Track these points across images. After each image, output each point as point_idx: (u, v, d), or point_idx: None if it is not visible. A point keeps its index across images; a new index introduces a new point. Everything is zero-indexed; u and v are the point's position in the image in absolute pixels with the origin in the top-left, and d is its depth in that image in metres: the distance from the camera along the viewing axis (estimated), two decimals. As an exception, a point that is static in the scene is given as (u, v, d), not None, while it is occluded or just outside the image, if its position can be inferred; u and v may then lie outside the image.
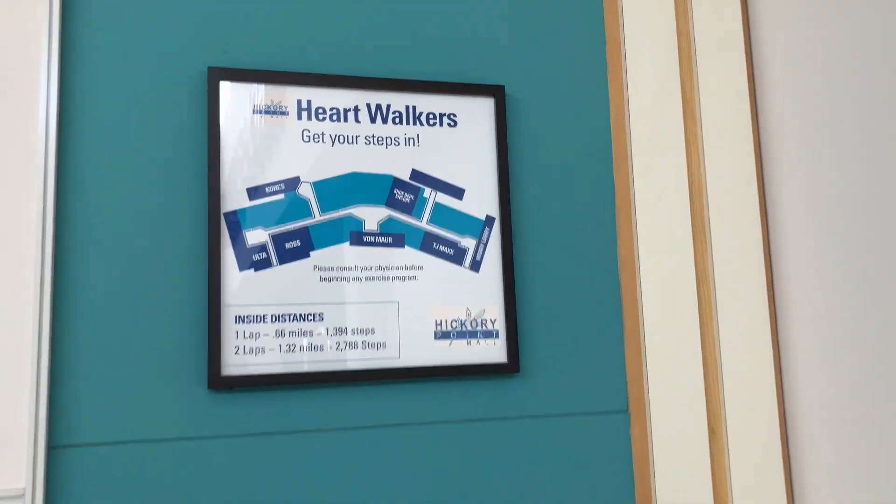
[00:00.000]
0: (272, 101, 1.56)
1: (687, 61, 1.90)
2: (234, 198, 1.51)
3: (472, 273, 1.64)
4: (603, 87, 1.80)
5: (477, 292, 1.63)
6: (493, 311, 1.63)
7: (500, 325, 1.63)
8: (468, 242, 1.64)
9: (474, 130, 1.68)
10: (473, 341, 1.61)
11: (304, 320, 1.51)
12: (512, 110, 1.72)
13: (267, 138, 1.55)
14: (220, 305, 1.46)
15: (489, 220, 1.66)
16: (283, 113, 1.56)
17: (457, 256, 1.63)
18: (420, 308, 1.59)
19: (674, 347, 1.74)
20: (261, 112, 1.55)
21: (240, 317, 1.48)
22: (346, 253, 1.56)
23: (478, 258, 1.64)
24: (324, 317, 1.53)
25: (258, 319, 1.49)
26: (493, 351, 1.62)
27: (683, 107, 1.88)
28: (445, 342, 1.59)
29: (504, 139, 1.68)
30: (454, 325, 1.60)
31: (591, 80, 1.80)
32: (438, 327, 1.59)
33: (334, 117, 1.60)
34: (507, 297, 1.63)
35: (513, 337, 1.62)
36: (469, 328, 1.61)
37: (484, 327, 1.62)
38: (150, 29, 1.52)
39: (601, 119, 1.79)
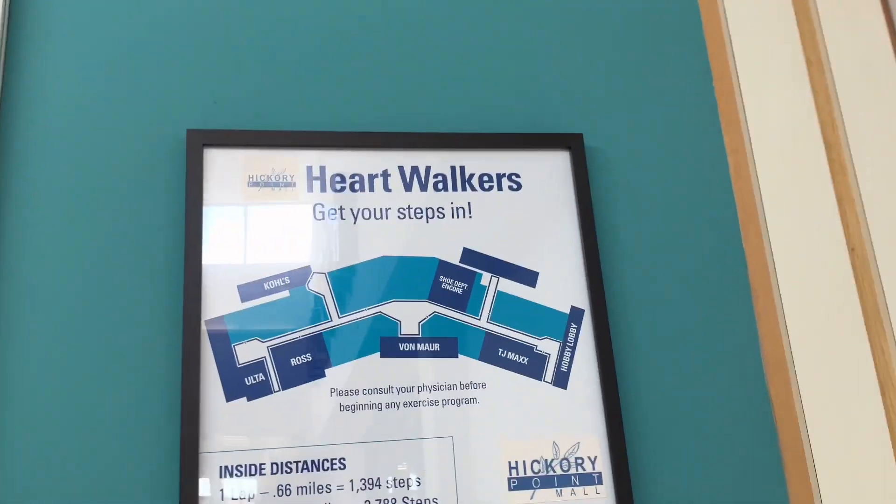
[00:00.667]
0: (273, 170, 1.18)
1: (823, 95, 1.45)
2: (219, 300, 1.11)
3: (558, 390, 1.16)
4: (715, 131, 1.37)
5: (566, 418, 1.15)
6: (592, 445, 1.14)
7: (604, 465, 1.13)
8: (548, 346, 1.18)
9: (546, 193, 1.26)
10: (566, 491, 1.11)
11: (318, 469, 1.06)
12: (595, 165, 1.30)
13: (266, 218, 1.16)
14: (198, 452, 1.03)
15: (576, 314, 1.20)
16: (288, 184, 1.18)
17: (534, 367, 1.17)
18: (484, 444, 1.11)
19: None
20: (258, 184, 1.17)
21: (226, 468, 1.04)
22: (376, 369, 1.13)
23: (563, 368, 1.17)
24: (346, 463, 1.07)
25: (253, 471, 1.04)
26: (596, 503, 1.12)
27: (827, 153, 1.41)
28: (524, 494, 1.10)
29: (587, 203, 1.25)
30: (536, 467, 1.12)
31: (698, 123, 1.37)
32: (513, 472, 1.11)
33: (356, 186, 1.20)
34: (612, 424, 1.14)
35: (624, 482, 1.12)
36: (558, 471, 1.12)
37: (580, 469, 1.13)
38: (112, 86, 1.19)
39: (717, 172, 1.35)
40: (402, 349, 1.14)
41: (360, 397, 1.11)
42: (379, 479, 1.07)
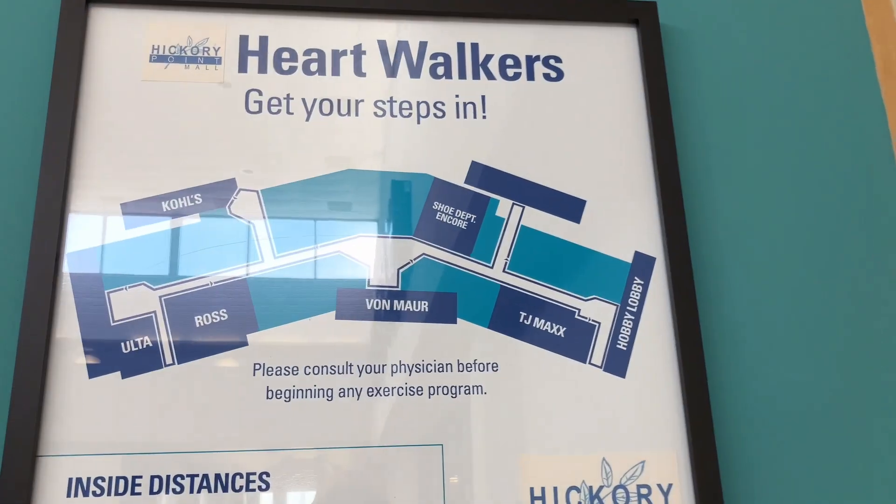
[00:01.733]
0: (189, 40, 0.81)
1: None
2: (91, 224, 0.74)
3: (612, 378, 0.76)
4: (850, 5, 0.95)
5: (624, 422, 0.75)
6: (665, 467, 0.74)
7: (684, 498, 0.73)
8: (598, 311, 0.78)
9: (598, 86, 0.86)
10: (621, 539, 0.71)
11: (226, 489, 0.68)
12: (673, 48, 0.89)
13: (173, 107, 0.79)
14: (34, 455, 0.66)
15: (642, 264, 0.80)
16: (209, 60, 0.81)
17: (574, 342, 0.77)
18: (493, 459, 0.72)
19: None
20: (164, 58, 0.80)
21: (80, 482, 0.67)
22: (328, 336, 0.74)
23: (621, 345, 0.77)
24: (271, 482, 0.69)
25: (122, 488, 0.68)
26: (671, 563, 0.71)
27: None
28: (554, 542, 0.70)
29: (663, 100, 0.84)
30: (575, 499, 0.72)
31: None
32: (536, 503, 0.71)
33: (313, 67, 0.82)
34: (696, 434, 0.74)
35: (716, 529, 0.71)
36: (610, 502, 0.72)
37: (645, 501, 0.73)
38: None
39: (855, 61, 0.93)
40: (369, 308, 0.76)
41: (301, 378, 0.73)
42: (322, 508, 0.69)
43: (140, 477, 0.68)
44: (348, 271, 0.77)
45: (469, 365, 0.75)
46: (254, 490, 0.69)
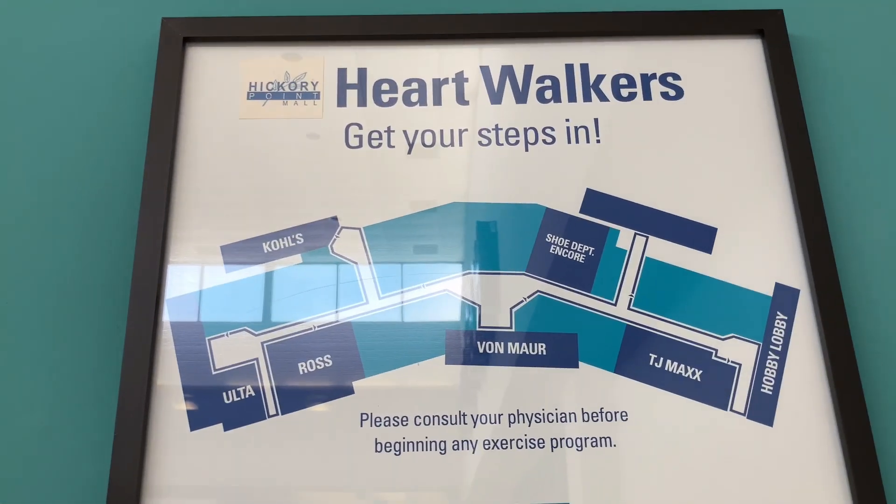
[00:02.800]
0: (286, 75, 0.80)
1: None
2: (191, 268, 0.73)
3: (757, 426, 0.69)
4: None
5: (776, 475, 0.67)
6: (828, 530, 0.65)
7: (853, 570, 0.64)
8: (738, 351, 0.71)
9: (723, 103, 0.80)
10: None
11: None
12: (804, 60, 0.83)
13: (272, 145, 0.77)
14: (138, 503, 0.64)
15: (785, 297, 0.73)
16: (308, 95, 0.79)
17: (712, 386, 0.70)
18: (627, 520, 0.65)
19: None
20: (262, 96, 0.79)
21: (183, 541, 0.64)
22: (438, 382, 0.70)
23: (766, 388, 0.70)
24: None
25: (227, 549, 0.64)
26: None
27: None
28: None
29: (797, 115, 0.78)
30: (722, 566, 0.64)
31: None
32: (680, 573, 0.64)
33: (413, 98, 0.80)
34: (862, 490, 0.65)
35: None
36: (765, 576, 0.64)
37: (806, 574, 0.64)
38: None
39: None
40: (482, 351, 0.71)
41: (412, 430, 0.68)
42: (438, 573, 0.64)
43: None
44: (457, 312, 0.72)
45: (595, 414, 0.69)
46: (363, 547, 0.64)
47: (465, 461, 0.67)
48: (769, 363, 0.71)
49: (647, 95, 0.80)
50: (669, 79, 0.81)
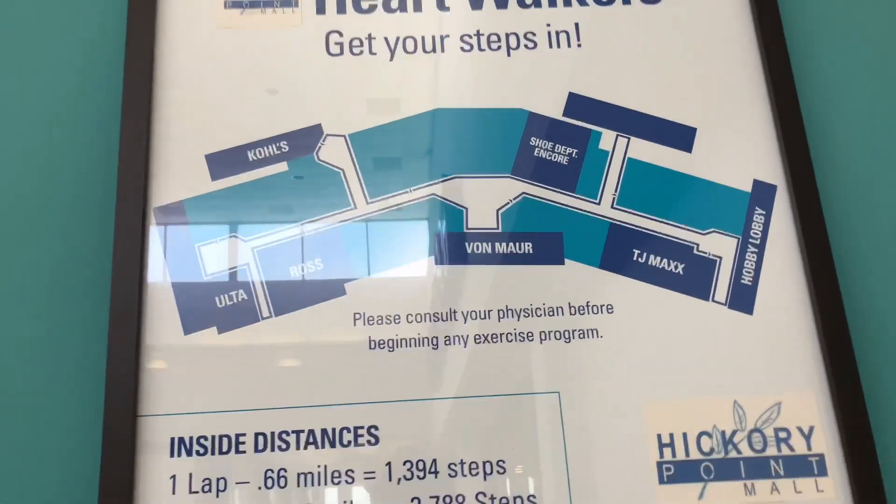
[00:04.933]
0: (264, -17, 0.81)
1: None
2: (178, 176, 0.75)
3: (738, 315, 0.74)
4: None
5: (755, 362, 0.72)
6: (804, 409, 0.71)
7: (828, 443, 0.70)
8: (719, 245, 0.76)
9: (701, 5, 0.83)
10: (762, 486, 0.69)
11: (333, 444, 0.68)
12: (781, -38, 0.87)
13: (253, 55, 0.79)
14: (135, 415, 0.67)
15: (762, 193, 0.77)
16: (286, 3, 0.81)
17: (694, 278, 0.75)
18: (615, 406, 0.70)
19: None
20: (240, 4, 0.80)
21: (182, 442, 0.67)
22: (428, 283, 0.73)
23: (746, 279, 0.75)
24: (380, 435, 0.68)
25: (226, 446, 0.68)
26: (819, 510, 0.69)
27: None
28: (688, 490, 0.68)
29: (773, 13, 0.82)
30: (706, 446, 0.70)
31: None
32: (665, 453, 0.69)
33: (393, 4, 0.82)
34: (839, 372, 0.71)
35: (867, 471, 0.68)
36: (746, 452, 0.69)
37: (784, 449, 0.70)
38: None
39: None
40: (470, 252, 0.74)
41: (403, 327, 0.72)
42: (435, 461, 0.68)
43: (244, 434, 0.68)
44: (445, 215, 0.76)
45: (581, 307, 0.73)
46: (363, 444, 0.68)
47: (457, 355, 0.71)
48: (748, 256, 0.75)
49: (626, 0, 0.83)
50: (648, -18, 0.84)
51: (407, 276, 0.74)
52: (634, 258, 0.75)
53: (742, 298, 0.74)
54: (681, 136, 0.79)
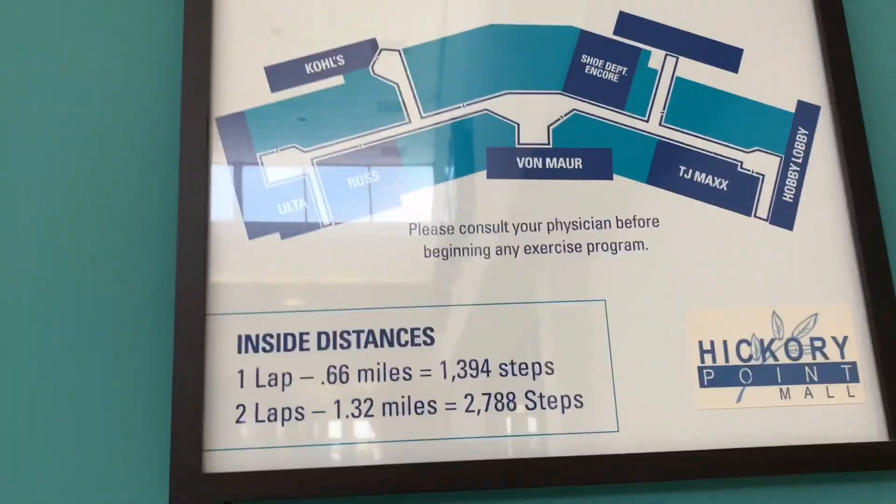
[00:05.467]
0: None
1: None
2: (238, 88, 0.78)
3: (778, 231, 0.77)
4: None
5: (794, 275, 0.76)
6: (839, 320, 0.75)
7: (861, 352, 0.74)
8: (762, 163, 0.79)
9: (753, -75, 0.84)
10: (797, 391, 0.73)
11: (391, 344, 0.72)
12: None
13: (309, -31, 0.81)
14: (204, 314, 0.71)
15: (806, 113, 0.80)
16: (341, -81, 0.82)
17: (738, 195, 0.78)
18: (659, 314, 0.74)
19: None
20: (296, -81, 0.82)
21: (249, 339, 0.72)
22: (481, 195, 0.77)
23: (787, 196, 0.78)
24: (436, 337, 0.73)
25: (291, 344, 0.72)
26: (850, 414, 0.73)
27: None
28: (726, 394, 0.73)
29: (824, -63, 0.83)
30: (745, 352, 0.74)
31: None
32: (706, 358, 0.73)
33: (447, -79, 0.83)
34: (873, 284, 0.75)
35: (898, 378, 0.72)
36: (782, 359, 0.74)
37: (819, 357, 0.74)
38: None
39: None
40: (521, 166, 0.78)
41: (457, 237, 0.76)
42: (487, 362, 0.72)
43: (307, 333, 0.73)
44: (497, 130, 0.79)
45: (628, 221, 0.77)
46: (419, 344, 0.73)
47: (508, 264, 0.75)
48: (790, 174, 0.78)
49: (679, -82, 0.84)
50: None
51: (460, 188, 0.77)
52: (680, 174, 0.78)
53: (783, 215, 0.77)
54: (728, 57, 0.81)
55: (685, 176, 0.78)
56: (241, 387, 0.71)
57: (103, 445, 0.71)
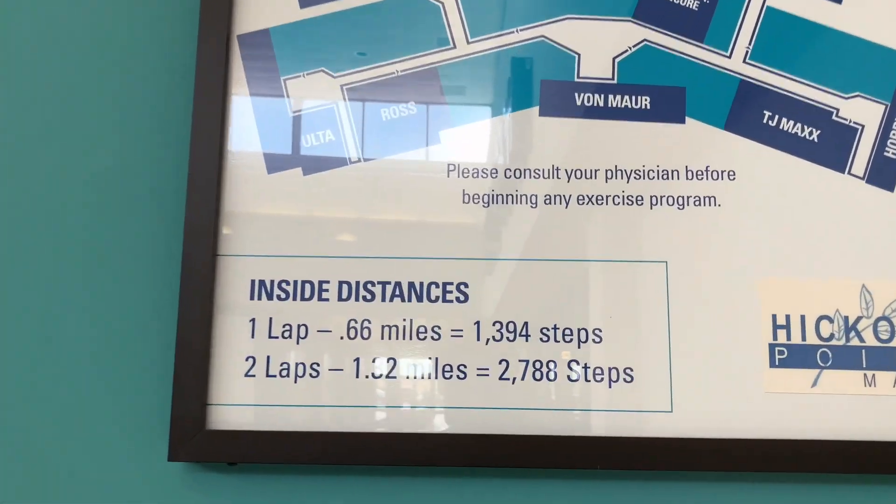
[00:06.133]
0: None
1: None
2: (263, 2, 0.69)
3: (876, 192, 0.67)
4: None
5: (890, 244, 0.66)
6: (942, 298, 0.65)
7: (965, 338, 0.64)
8: (861, 111, 0.68)
9: None
10: (884, 378, 0.64)
11: (420, 298, 0.65)
12: None
13: None
14: (214, 254, 0.65)
15: (921, 53, 0.69)
16: None
17: (830, 147, 0.68)
18: (727, 281, 0.65)
19: None
20: None
21: (263, 284, 0.65)
22: (532, 135, 0.68)
23: (889, 152, 0.67)
24: (470, 293, 0.65)
25: (309, 292, 0.66)
26: (945, 409, 0.63)
27: None
28: (801, 376, 0.64)
29: None
30: (825, 331, 0.64)
31: None
32: (779, 335, 0.64)
33: None
34: None
35: None
36: (870, 340, 0.64)
37: (914, 340, 0.65)
38: None
39: None
40: (579, 103, 0.68)
41: (502, 182, 0.67)
42: (527, 325, 0.65)
43: (327, 282, 0.66)
44: (554, 60, 0.69)
45: (700, 172, 0.67)
46: (451, 301, 0.65)
47: (557, 215, 0.67)
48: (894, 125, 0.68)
49: None
50: None
51: (507, 126, 0.68)
52: (764, 121, 0.68)
53: (883, 173, 0.67)
54: (830, -16, 0.70)
55: (770, 122, 0.68)
56: (252, 337, 0.65)
57: (102, 393, 0.66)
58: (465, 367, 0.64)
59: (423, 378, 0.64)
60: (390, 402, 0.64)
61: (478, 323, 0.65)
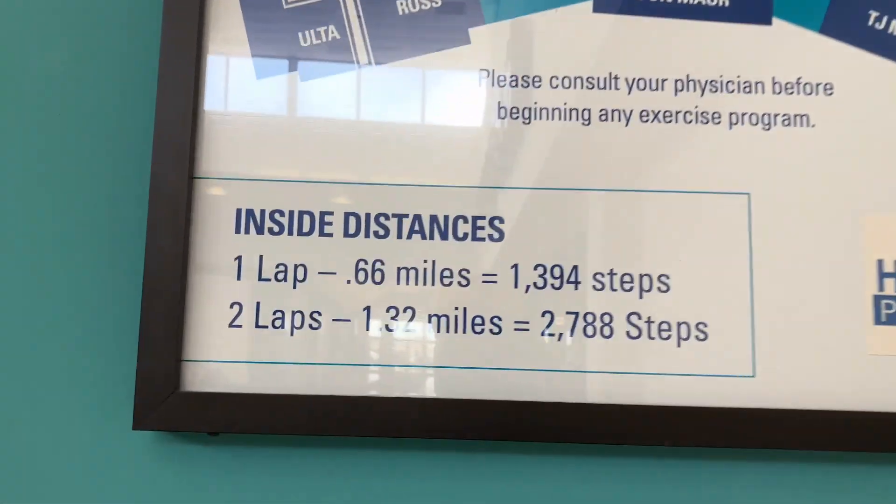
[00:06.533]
0: None
1: None
2: None
3: None
4: None
5: None
6: None
7: None
8: None
9: None
10: None
11: (445, 235, 0.53)
12: None
13: None
14: (191, 176, 0.52)
15: None
16: None
17: (952, 55, 0.55)
18: (821, 218, 0.53)
19: None
20: None
21: (250, 213, 0.53)
22: (580, 35, 0.55)
23: None
24: (505, 230, 0.53)
25: (309, 225, 0.53)
26: None
27: None
28: (913, 336, 0.52)
29: None
30: (942, 279, 0.53)
31: None
32: (885, 285, 0.53)
33: None
34: None
35: None
36: None
37: None
38: None
39: None
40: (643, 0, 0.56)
41: (545, 93, 0.55)
42: (577, 270, 0.53)
43: (330, 213, 0.53)
44: (611, -55, 0.56)
45: (790, 85, 0.55)
46: (482, 239, 0.53)
47: (615, 135, 0.54)
48: None
49: None
50: None
51: (554, 23, 0.56)
52: (870, 22, 0.55)
53: None
54: None
55: (876, 25, 0.55)
56: (238, 279, 0.53)
57: (51, 346, 0.54)
58: (500, 319, 0.52)
59: (447, 332, 0.52)
60: (407, 361, 0.52)
61: (516, 266, 0.53)
